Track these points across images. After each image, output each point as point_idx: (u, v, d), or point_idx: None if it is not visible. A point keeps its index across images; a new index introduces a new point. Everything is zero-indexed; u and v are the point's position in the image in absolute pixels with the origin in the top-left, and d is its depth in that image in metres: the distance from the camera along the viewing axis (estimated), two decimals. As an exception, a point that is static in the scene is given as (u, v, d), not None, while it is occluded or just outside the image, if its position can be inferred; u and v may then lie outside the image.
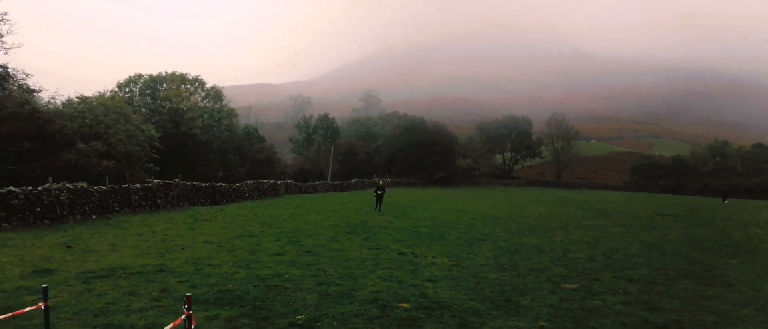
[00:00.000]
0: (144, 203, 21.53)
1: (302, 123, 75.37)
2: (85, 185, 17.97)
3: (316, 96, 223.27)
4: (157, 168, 33.85)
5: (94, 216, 17.74)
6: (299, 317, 6.50)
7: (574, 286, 8.93)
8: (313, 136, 71.93)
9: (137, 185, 21.68)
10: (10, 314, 4.00)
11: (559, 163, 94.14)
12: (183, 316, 3.81)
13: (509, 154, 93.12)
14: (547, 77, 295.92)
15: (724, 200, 47.11)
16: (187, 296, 3.95)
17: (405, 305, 7.24)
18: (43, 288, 4.02)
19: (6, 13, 26.22)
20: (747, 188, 68.08)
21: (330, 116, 74.01)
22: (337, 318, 6.50)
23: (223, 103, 52.82)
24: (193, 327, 3.90)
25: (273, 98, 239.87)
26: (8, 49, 26.64)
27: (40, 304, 3.73)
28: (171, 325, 3.79)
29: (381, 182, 26.63)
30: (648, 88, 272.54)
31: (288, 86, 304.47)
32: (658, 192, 72.73)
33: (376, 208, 24.11)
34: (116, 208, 19.48)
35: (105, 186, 19.18)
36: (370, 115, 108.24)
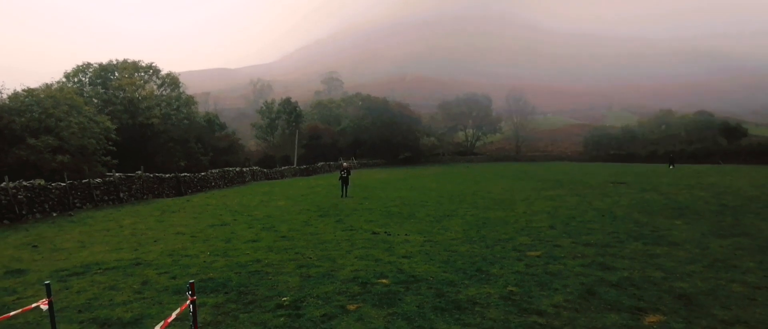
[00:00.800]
0: (106, 198, 20.90)
1: (264, 108, 73.94)
2: (42, 182, 17.28)
3: (277, 79, 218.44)
4: (115, 161, 32.72)
5: (55, 214, 17.15)
6: (284, 299, 6.80)
7: (538, 253, 9.62)
8: (277, 121, 70.84)
9: (98, 180, 20.97)
10: (19, 310, 4.09)
11: (518, 137, 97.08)
12: (188, 302, 4.02)
13: (471, 130, 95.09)
14: (506, 54, 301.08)
15: (671, 166, 49.82)
16: (191, 282, 4.15)
17: (384, 281, 7.66)
18: (46, 284, 4.11)
19: None
20: (691, 153, 72.59)
21: (292, 100, 72.95)
22: (322, 297, 6.84)
23: (181, 91, 51.09)
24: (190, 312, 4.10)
25: (231, 83, 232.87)
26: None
27: (44, 301, 3.84)
28: (177, 310, 3.99)
29: (346, 164, 24.95)
30: (599, 59, 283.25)
31: (247, 70, 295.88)
32: (610, 161, 76.51)
33: (342, 194, 22.39)
34: (77, 204, 18.86)
35: (64, 182, 18.49)
36: (332, 98, 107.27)
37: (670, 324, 5.65)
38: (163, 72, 50.73)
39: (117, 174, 22.43)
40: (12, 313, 4.09)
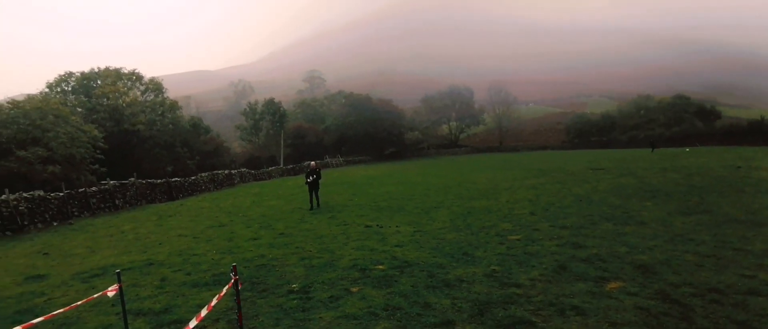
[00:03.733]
0: (103, 205, 21.34)
1: (248, 109, 74.05)
2: (42, 193, 17.71)
3: (258, 80, 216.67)
4: (104, 170, 32.93)
5: (55, 223, 17.59)
6: (294, 286, 7.61)
7: (518, 237, 10.58)
8: (261, 122, 71.03)
9: (94, 188, 21.40)
10: (92, 297, 4.80)
11: (501, 128, 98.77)
12: (232, 281, 4.78)
13: (454, 123, 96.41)
14: (489, 52, 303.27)
15: (652, 150, 51.08)
16: (234, 265, 4.91)
17: (381, 267, 8.52)
18: (117, 272, 4.79)
19: None
20: (669, 137, 74.98)
21: (276, 100, 73.19)
22: (327, 283, 7.68)
23: (165, 96, 51.10)
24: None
25: (211, 85, 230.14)
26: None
27: (115, 287, 4.53)
28: (226, 287, 4.76)
29: (313, 163, 19.24)
30: (578, 52, 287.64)
31: (227, 72, 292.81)
32: (592, 148, 78.59)
33: (310, 206, 17.89)
34: (75, 213, 19.30)
35: (61, 192, 18.92)
36: (315, 96, 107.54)
37: (627, 288, 6.63)
38: (146, 78, 50.66)
39: (112, 182, 22.83)
40: (88, 299, 4.81)
